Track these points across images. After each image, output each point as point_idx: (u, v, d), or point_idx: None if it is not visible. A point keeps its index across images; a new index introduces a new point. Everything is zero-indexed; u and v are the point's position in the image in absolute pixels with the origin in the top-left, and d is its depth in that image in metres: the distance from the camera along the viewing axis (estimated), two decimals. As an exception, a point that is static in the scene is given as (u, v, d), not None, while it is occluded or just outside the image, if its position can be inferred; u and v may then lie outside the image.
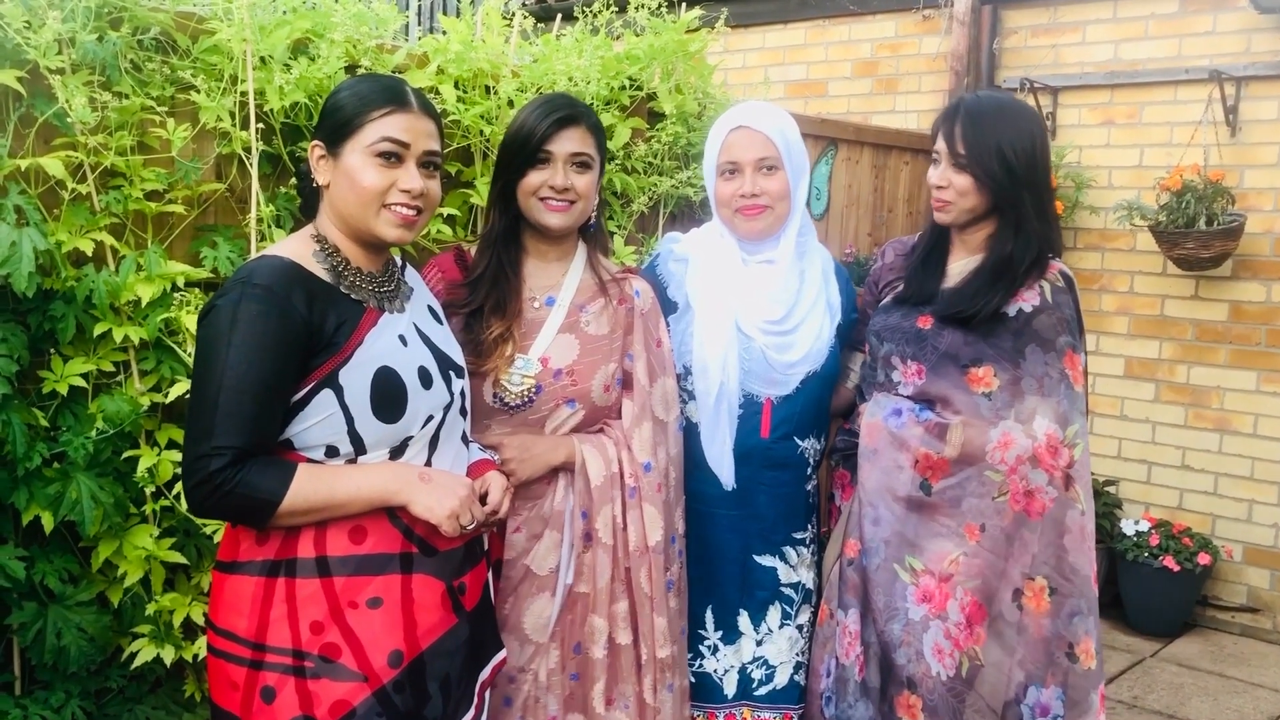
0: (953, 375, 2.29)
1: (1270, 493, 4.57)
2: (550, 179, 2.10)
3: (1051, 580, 2.24)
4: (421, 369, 1.81)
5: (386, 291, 1.85)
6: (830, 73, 5.69)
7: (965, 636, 2.23)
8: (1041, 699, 2.23)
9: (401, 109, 1.78)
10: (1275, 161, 4.47)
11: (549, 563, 2.12)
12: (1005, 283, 2.29)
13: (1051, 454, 2.23)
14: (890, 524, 2.29)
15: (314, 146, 1.82)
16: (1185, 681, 4.18)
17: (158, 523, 2.26)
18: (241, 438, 1.64)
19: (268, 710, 1.70)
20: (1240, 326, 4.61)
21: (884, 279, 2.52)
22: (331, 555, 1.73)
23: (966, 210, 2.32)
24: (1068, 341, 2.29)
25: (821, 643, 2.44)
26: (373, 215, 1.78)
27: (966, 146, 2.27)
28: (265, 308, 1.67)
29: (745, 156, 2.35)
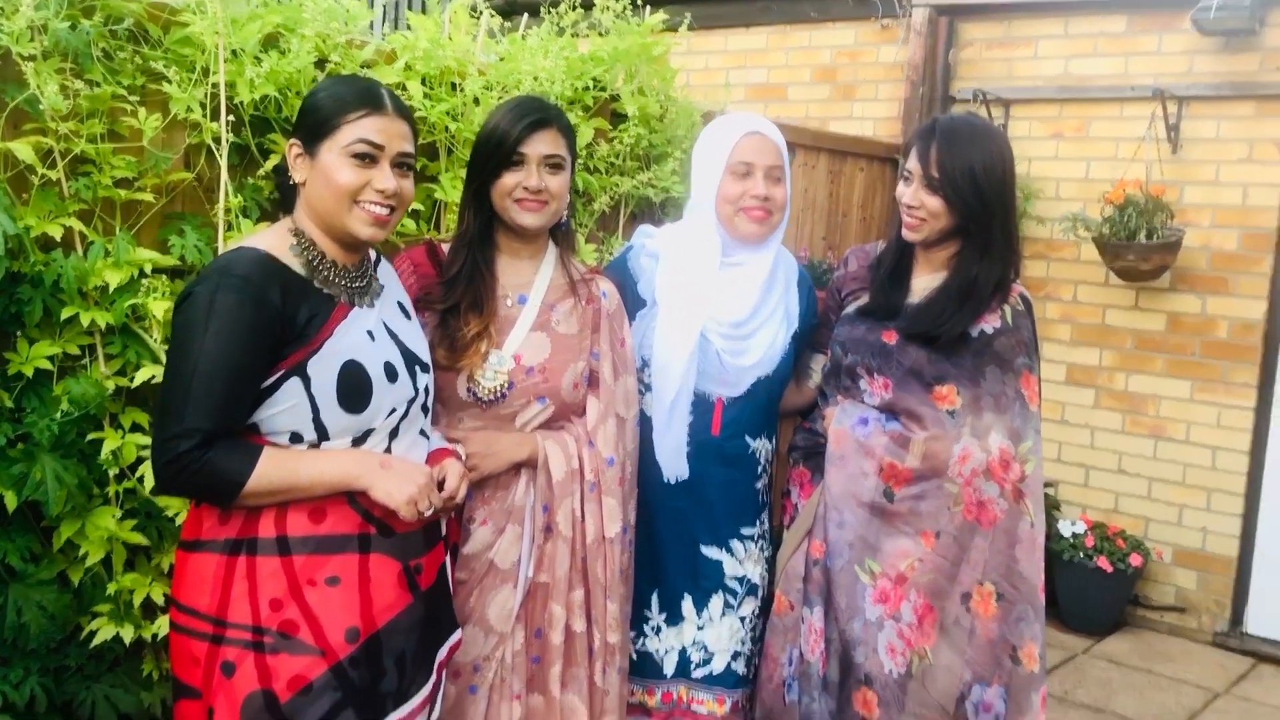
0: (918, 392, 2.40)
1: (1200, 498, 4.75)
2: (525, 180, 2.17)
3: (999, 587, 2.35)
4: (387, 364, 1.88)
5: (358, 287, 1.91)
6: (790, 78, 5.80)
7: (916, 636, 2.35)
8: (985, 697, 2.35)
9: (377, 111, 1.85)
10: (1214, 179, 4.64)
11: (511, 556, 2.20)
12: (971, 305, 2.38)
13: (1003, 467, 2.35)
14: (854, 528, 2.40)
15: (291, 145, 1.88)
16: (1114, 677, 4.34)
17: (120, 504, 2.30)
18: (211, 421, 1.71)
19: (227, 684, 1.77)
20: (1176, 337, 4.77)
21: (847, 287, 2.62)
22: (291, 535, 1.80)
23: (937, 230, 2.41)
24: (1025, 363, 2.40)
25: (782, 632, 2.54)
26: (346, 213, 1.85)
27: (940, 169, 2.35)
28: (241, 298, 1.73)
29: (760, 161, 2.45)
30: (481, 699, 2.18)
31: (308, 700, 1.77)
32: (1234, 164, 4.60)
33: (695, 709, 2.55)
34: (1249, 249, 4.59)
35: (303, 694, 1.77)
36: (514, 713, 2.19)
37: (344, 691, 1.79)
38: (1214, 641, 4.72)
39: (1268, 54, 4.50)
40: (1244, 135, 4.57)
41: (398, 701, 1.88)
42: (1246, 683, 4.35)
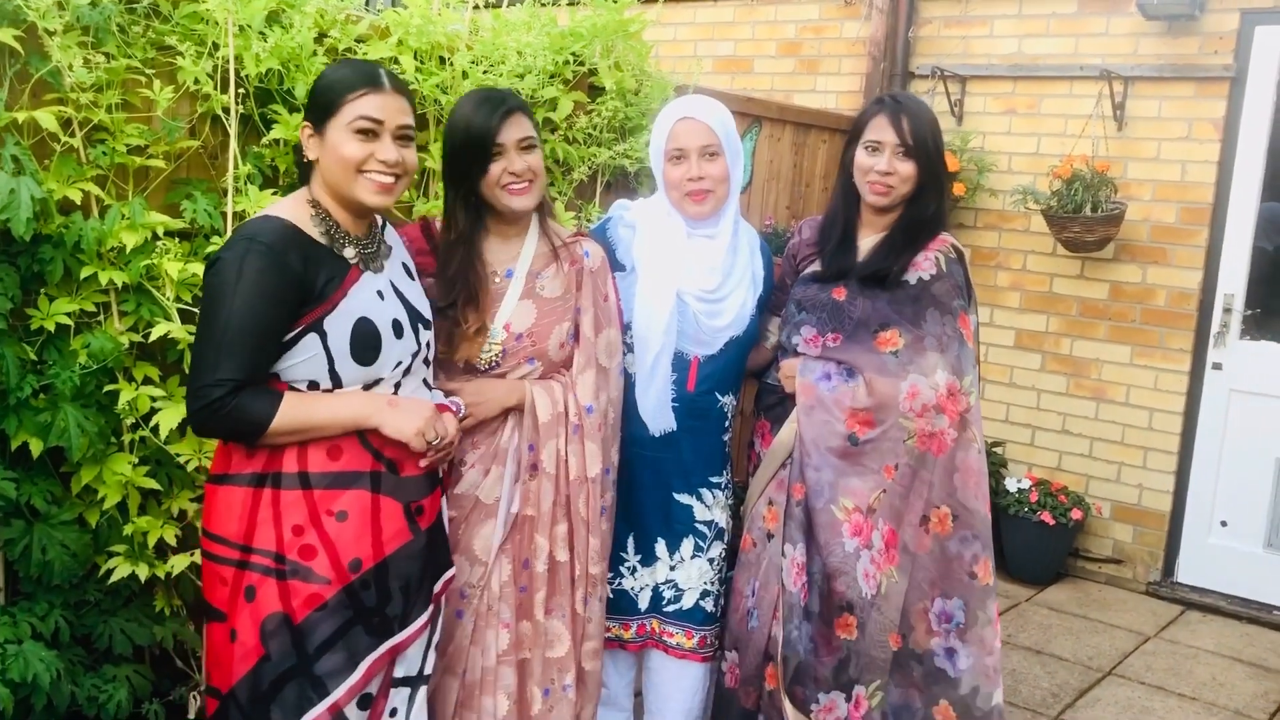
0: (865, 340, 2.66)
1: (1137, 456, 5.04)
2: (509, 166, 2.35)
3: (954, 509, 2.63)
4: (395, 321, 2.08)
5: (369, 252, 2.11)
6: (756, 50, 5.97)
7: (884, 560, 2.61)
8: (946, 608, 2.64)
9: (375, 90, 2.04)
10: (1155, 156, 4.89)
11: (494, 493, 2.40)
12: (914, 245, 2.67)
13: (951, 400, 2.62)
14: (826, 470, 2.64)
15: (304, 127, 2.08)
16: (1053, 623, 4.63)
17: (135, 451, 2.47)
18: (240, 371, 1.92)
19: (249, 607, 1.98)
20: (1118, 305, 5.04)
21: (801, 254, 2.85)
22: (312, 471, 2.01)
23: (902, 195, 2.67)
24: (960, 305, 2.67)
25: (745, 567, 2.79)
26: (354, 182, 2.04)
27: (914, 138, 2.62)
28: (267, 263, 1.93)
29: (691, 144, 2.63)
30: (468, 622, 2.39)
31: (321, 616, 1.99)
32: (1174, 142, 4.85)
33: (666, 640, 2.78)
34: (1186, 222, 4.85)
35: (318, 611, 1.98)
36: (500, 639, 2.39)
37: (354, 610, 2.02)
38: (1147, 591, 5.02)
39: (1206, 38, 4.74)
40: (1184, 115, 4.82)
41: (402, 624, 2.09)
42: (1174, 627, 4.66)
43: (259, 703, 1.95)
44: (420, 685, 2.18)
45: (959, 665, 2.63)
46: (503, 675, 2.39)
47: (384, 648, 2.05)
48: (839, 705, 2.63)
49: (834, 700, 2.63)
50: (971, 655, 2.62)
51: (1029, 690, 3.95)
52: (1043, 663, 4.22)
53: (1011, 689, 3.95)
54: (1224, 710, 3.91)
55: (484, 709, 2.38)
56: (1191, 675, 4.19)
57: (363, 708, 2.04)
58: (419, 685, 2.17)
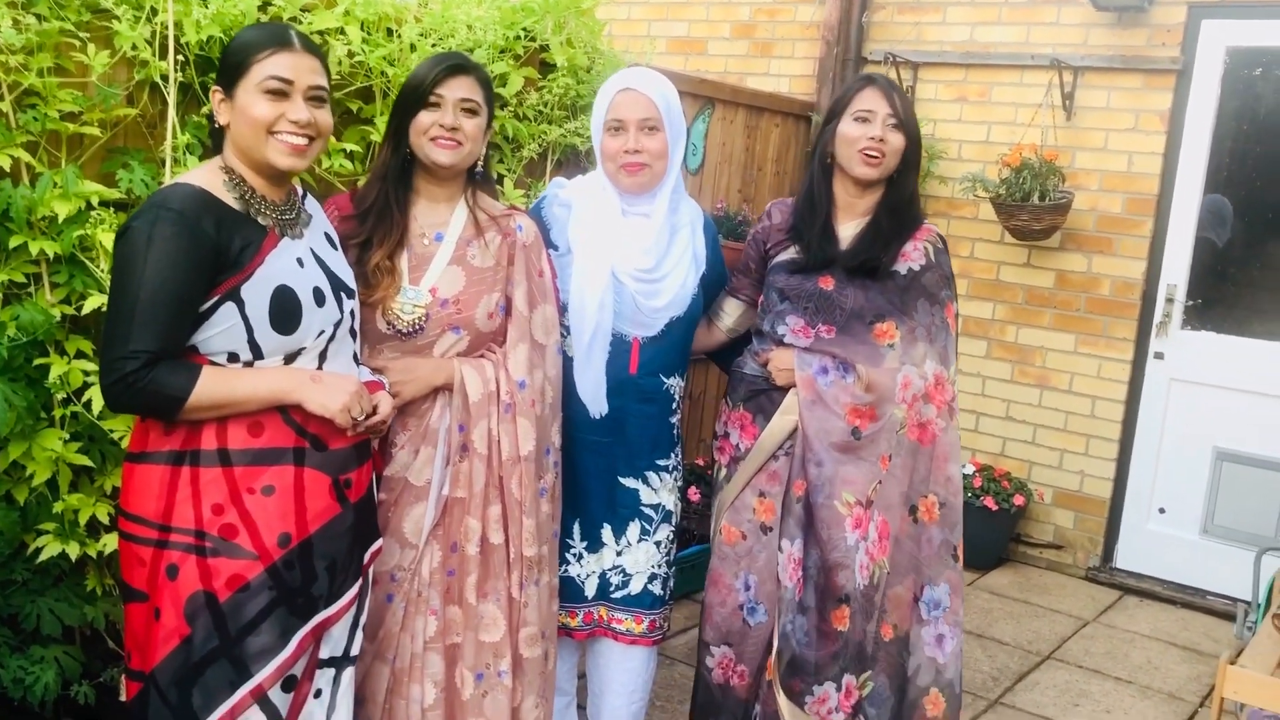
0: (860, 332, 2.64)
1: (1079, 443, 5.11)
2: (440, 119, 2.31)
3: (941, 496, 2.66)
4: (316, 289, 2.04)
5: (288, 219, 2.06)
6: (710, 32, 5.94)
7: (878, 550, 2.62)
8: (935, 595, 2.67)
9: (284, 49, 1.99)
10: (1103, 146, 4.94)
11: (425, 475, 2.36)
12: (901, 233, 2.67)
13: (939, 390, 2.64)
14: (829, 465, 2.63)
15: (214, 91, 2.03)
16: (995, 607, 4.69)
17: (65, 427, 2.40)
18: (154, 343, 1.86)
19: (171, 585, 1.92)
20: (1064, 293, 5.10)
21: (771, 238, 2.81)
22: (232, 448, 1.96)
23: (890, 167, 2.66)
24: (947, 295, 2.70)
25: (734, 560, 2.75)
26: (264, 145, 1.99)
27: (904, 111, 2.63)
28: (178, 229, 1.87)
29: (630, 116, 2.59)
30: (398, 607, 2.35)
31: (245, 597, 1.94)
32: (1122, 133, 4.90)
33: (615, 627, 2.75)
34: (1132, 213, 4.92)
35: (240, 592, 1.93)
36: (429, 626, 2.35)
37: (278, 590, 1.97)
38: (1087, 576, 5.10)
39: (1155, 30, 4.79)
40: (1131, 106, 4.87)
41: (328, 602, 2.06)
42: (1112, 612, 4.74)
43: (180, 685, 1.90)
44: (346, 666, 2.14)
45: (947, 650, 2.67)
46: (430, 662, 2.35)
47: (311, 624, 2.01)
48: (831, 696, 2.64)
49: (827, 691, 2.64)
50: (955, 637, 2.67)
51: (970, 674, 3.99)
52: (984, 646, 4.27)
53: (952, 672, 4.00)
54: (1158, 693, 3.99)
55: (411, 696, 2.35)
56: (1128, 659, 4.26)
57: (287, 690, 2.00)
58: (345, 666, 2.13)
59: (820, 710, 2.63)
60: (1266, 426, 4.73)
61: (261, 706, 1.97)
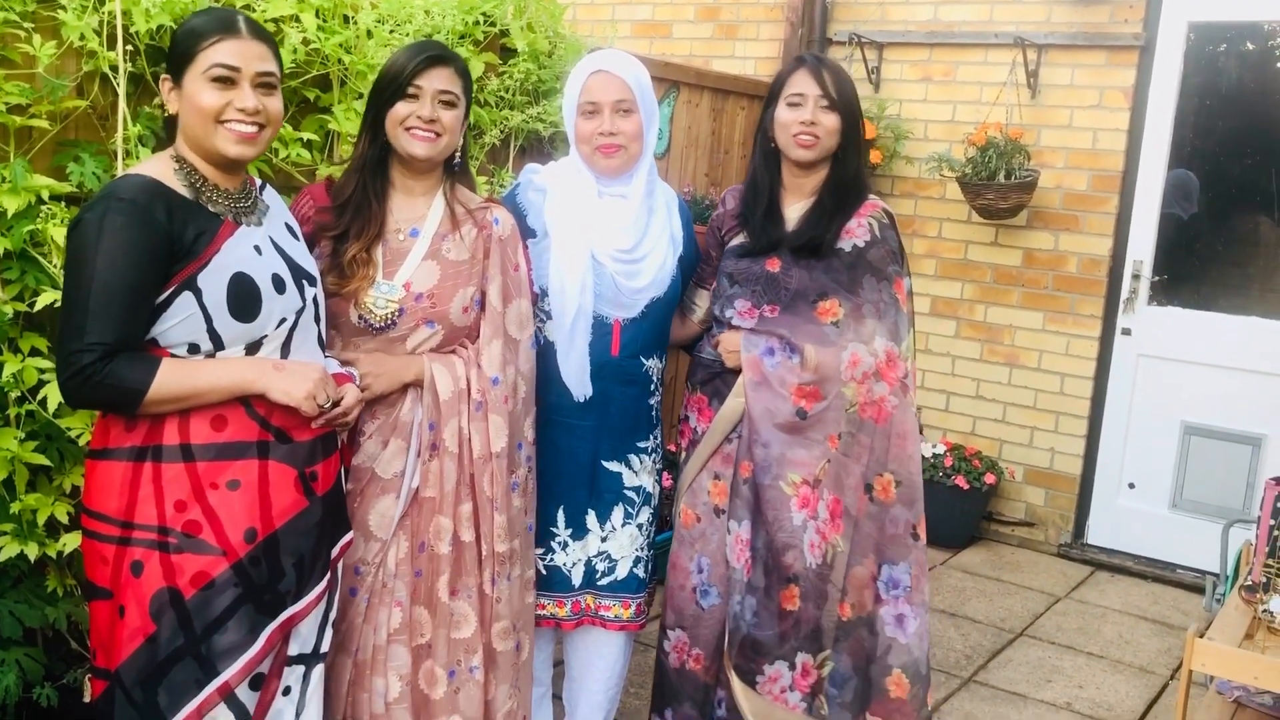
0: (804, 311, 2.63)
1: (1049, 421, 5.13)
2: (418, 110, 2.28)
3: (898, 474, 2.64)
4: (275, 276, 2.01)
5: (243, 207, 2.03)
6: (674, 15, 5.91)
7: (830, 529, 2.60)
8: (893, 574, 2.66)
9: (231, 35, 1.96)
10: (1067, 123, 4.95)
11: (394, 467, 2.32)
12: (845, 209, 2.66)
13: (891, 367, 2.62)
14: (775, 446, 2.61)
15: (163, 80, 2.00)
16: (967, 585, 4.72)
17: (21, 426, 2.35)
18: (110, 334, 1.83)
19: (135, 583, 1.89)
20: (1031, 271, 5.11)
21: (726, 224, 2.81)
22: (194, 442, 1.93)
23: (828, 148, 2.65)
24: (896, 270, 2.68)
25: (689, 543, 2.75)
26: (213, 134, 1.96)
27: (837, 91, 2.62)
28: (129, 219, 1.84)
29: (604, 98, 2.57)
30: (361, 600, 2.32)
31: (210, 595, 1.91)
32: (1086, 110, 4.91)
33: (603, 614, 2.74)
34: (1097, 190, 4.93)
35: (206, 589, 1.90)
36: (393, 618, 2.33)
37: (244, 587, 1.94)
38: (1058, 552, 5.14)
39: (1117, 7, 4.80)
40: (1095, 83, 4.88)
41: (295, 598, 2.03)
42: (1084, 588, 4.78)
43: (146, 684, 1.87)
44: (316, 663, 2.11)
45: (908, 630, 2.65)
46: (394, 654, 2.33)
47: (279, 620, 1.98)
48: (783, 675, 2.63)
49: (778, 670, 2.63)
50: (918, 617, 2.66)
51: (943, 653, 4.01)
52: (957, 625, 4.29)
53: (926, 651, 4.02)
54: (1130, 667, 4.02)
55: (375, 689, 2.32)
56: (1100, 634, 4.30)
57: (254, 688, 1.98)
58: (314, 663, 2.11)
59: (772, 690, 2.62)
60: (1233, 400, 4.77)
61: (229, 704, 1.94)
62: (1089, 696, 3.77)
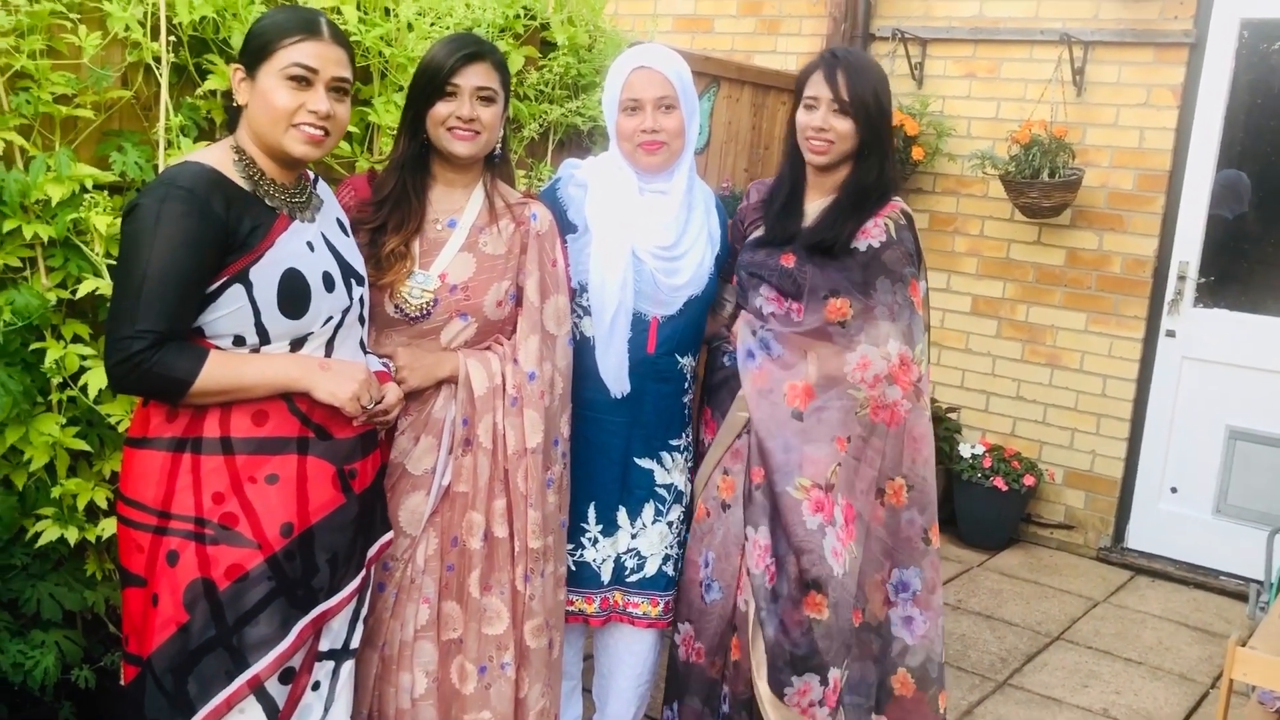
0: (816, 308, 2.60)
1: (1090, 423, 5.06)
2: (457, 110, 2.28)
3: (909, 479, 2.61)
4: (325, 274, 2.01)
5: (298, 202, 2.03)
6: (716, 9, 5.88)
7: (846, 536, 2.57)
8: (903, 578, 2.64)
9: (313, 37, 1.96)
10: (1113, 122, 4.87)
11: (424, 464, 2.33)
12: (862, 211, 2.61)
13: (904, 371, 2.58)
14: (779, 450, 2.59)
15: (235, 69, 1.99)
16: (1004, 588, 4.66)
17: (63, 411, 2.39)
18: (161, 323, 1.83)
19: (170, 572, 1.90)
20: (1075, 271, 5.04)
21: (748, 218, 2.80)
22: (235, 436, 1.93)
23: (841, 153, 2.61)
24: (911, 272, 2.63)
25: (699, 537, 2.74)
26: (282, 133, 1.95)
27: (850, 93, 2.56)
28: (188, 207, 1.84)
29: (646, 94, 2.56)
30: (389, 595, 2.32)
31: (244, 587, 1.91)
32: (1133, 108, 4.83)
33: (631, 611, 2.73)
34: (1143, 189, 4.85)
35: (239, 581, 1.91)
36: (420, 614, 2.32)
37: (278, 581, 1.94)
38: (1098, 556, 5.07)
39: (1167, 3, 4.72)
40: (1143, 81, 4.80)
41: (328, 594, 2.03)
42: (1123, 592, 4.71)
43: (177, 672, 1.89)
44: (346, 659, 2.12)
45: (916, 632, 2.63)
46: (421, 651, 2.33)
47: (311, 615, 1.99)
48: (814, 688, 2.59)
49: (808, 683, 2.59)
50: (927, 620, 2.63)
51: (978, 655, 3.97)
52: (992, 627, 4.24)
53: (960, 654, 3.98)
54: (1169, 674, 3.95)
55: (401, 684, 2.32)
56: (1138, 639, 4.23)
57: (285, 681, 1.98)
58: (344, 659, 2.11)
59: (801, 702, 2.59)
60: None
61: (258, 697, 1.95)
62: (1126, 703, 3.71)
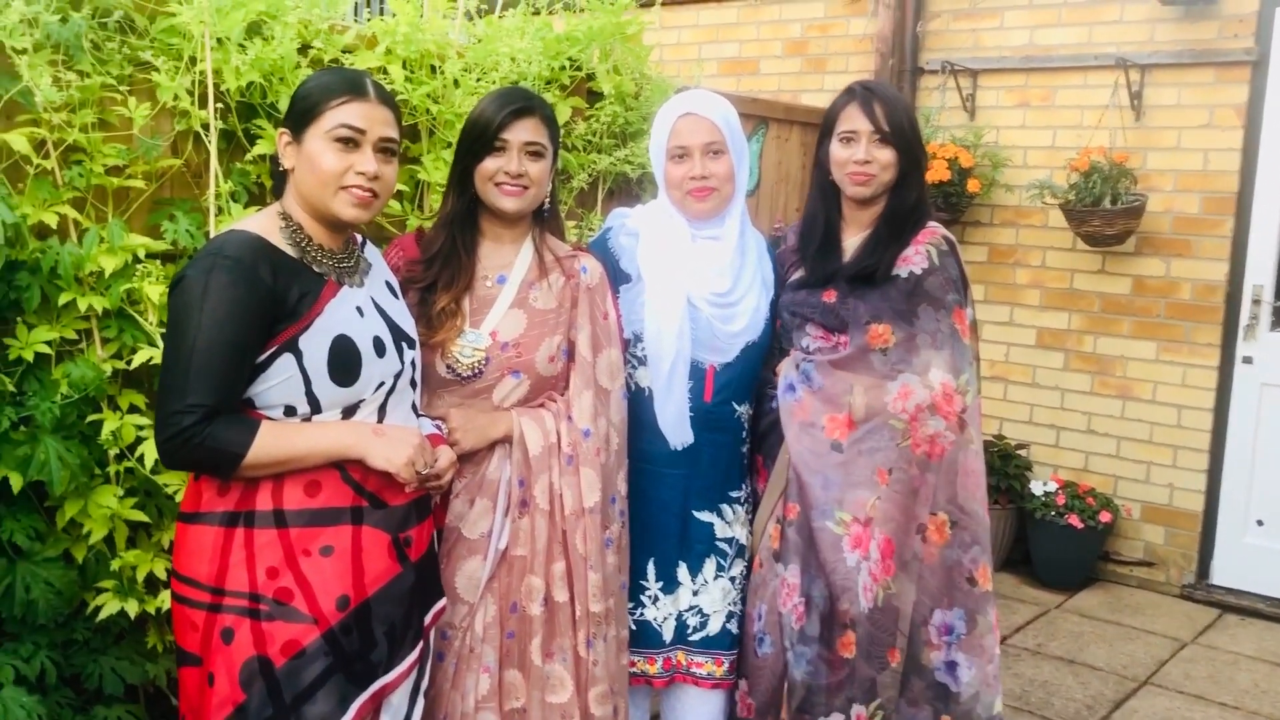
0: (860, 335, 2.54)
1: (1166, 455, 4.89)
2: (505, 165, 2.25)
3: (952, 515, 2.50)
4: (376, 338, 1.97)
5: (346, 267, 1.99)
6: (761, 51, 5.86)
7: (881, 571, 2.47)
8: (946, 620, 2.51)
9: (359, 98, 1.93)
10: (1175, 145, 4.75)
11: (480, 527, 2.27)
12: (901, 239, 2.57)
13: (947, 401, 2.49)
14: (817, 484, 2.51)
15: (281, 133, 1.96)
16: (1085, 630, 4.49)
17: (120, 483, 2.37)
18: (211, 396, 1.79)
19: (225, 650, 1.85)
20: (1142, 300, 4.90)
21: (788, 260, 2.74)
22: (288, 508, 1.88)
23: (884, 183, 2.57)
24: (955, 299, 2.55)
25: (754, 589, 2.65)
26: (331, 196, 1.92)
27: (890, 123, 2.52)
28: (234, 277, 1.81)
29: (693, 141, 2.51)
30: (449, 665, 2.25)
31: (300, 664, 1.85)
32: (1195, 130, 4.71)
33: (695, 672, 2.64)
34: (1210, 212, 4.71)
35: (296, 658, 1.85)
36: (480, 685, 2.25)
37: (335, 657, 1.88)
38: (1182, 594, 4.87)
39: (1225, 21, 4.60)
40: (1204, 101, 4.68)
41: (387, 668, 1.97)
42: (1212, 632, 4.51)
43: None
44: None
45: (960, 678, 2.50)
46: None
47: (369, 691, 1.93)
48: None
49: None
50: (973, 665, 2.50)
51: (1062, 703, 3.81)
52: (1075, 673, 4.07)
53: (1044, 701, 3.82)
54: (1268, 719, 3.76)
55: None
56: (1233, 682, 4.03)
57: None
58: None
59: None
60: (1369, 430, 4.48)
61: None
62: (1224, 751, 3.54)
